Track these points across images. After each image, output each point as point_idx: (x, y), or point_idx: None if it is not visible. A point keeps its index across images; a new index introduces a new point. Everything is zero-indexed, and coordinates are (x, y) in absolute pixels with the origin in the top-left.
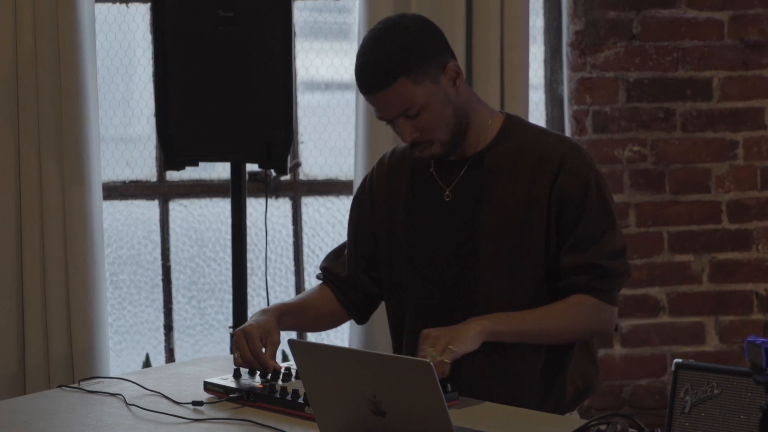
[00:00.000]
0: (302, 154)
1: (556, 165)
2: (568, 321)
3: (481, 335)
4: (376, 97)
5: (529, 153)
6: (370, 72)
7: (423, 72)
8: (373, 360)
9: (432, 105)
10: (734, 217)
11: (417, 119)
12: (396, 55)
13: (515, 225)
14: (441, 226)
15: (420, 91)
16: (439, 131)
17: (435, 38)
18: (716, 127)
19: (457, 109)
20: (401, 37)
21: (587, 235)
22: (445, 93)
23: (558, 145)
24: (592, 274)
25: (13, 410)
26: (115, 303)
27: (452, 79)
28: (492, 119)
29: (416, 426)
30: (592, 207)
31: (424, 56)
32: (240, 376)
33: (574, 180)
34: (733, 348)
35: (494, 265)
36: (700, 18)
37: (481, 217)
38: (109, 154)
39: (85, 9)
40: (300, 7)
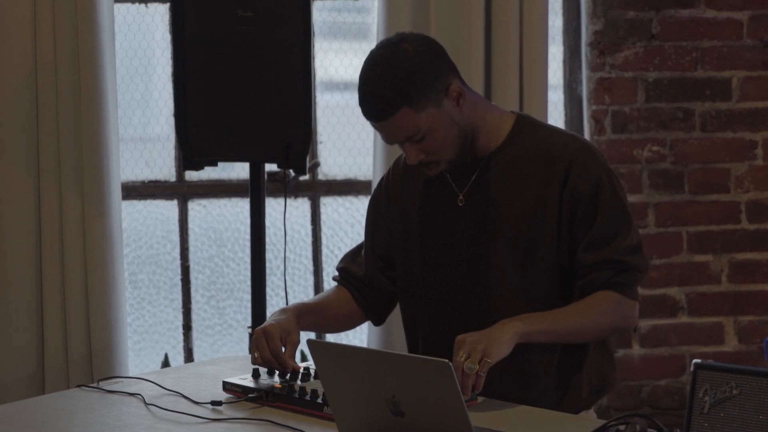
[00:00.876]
0: (321, 154)
1: (566, 165)
2: (595, 318)
3: (515, 337)
4: (379, 125)
5: (539, 153)
6: (372, 102)
7: (425, 98)
8: (392, 360)
9: (436, 129)
10: (753, 217)
11: (422, 143)
12: (396, 85)
13: (527, 226)
14: (454, 230)
15: (423, 118)
16: (444, 152)
17: (436, 61)
18: (735, 127)
19: (461, 128)
20: (401, 66)
21: (603, 232)
22: (449, 115)
23: (568, 144)
24: (613, 269)
25: (32, 410)
26: (134, 303)
27: (455, 99)
28: (502, 120)
29: (435, 426)
30: (606, 205)
31: (425, 83)
32: (259, 376)
33: (586, 179)
34: (752, 348)
35: (507, 267)
36: (720, 18)
37: (493, 220)
38: (128, 154)
39: (104, 9)
40: (319, 7)
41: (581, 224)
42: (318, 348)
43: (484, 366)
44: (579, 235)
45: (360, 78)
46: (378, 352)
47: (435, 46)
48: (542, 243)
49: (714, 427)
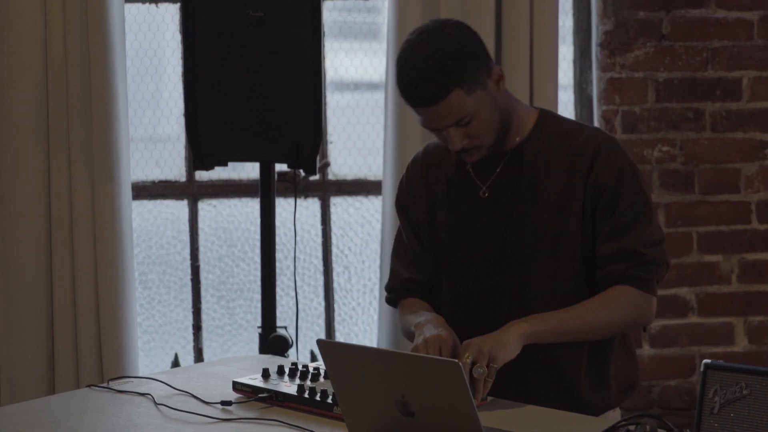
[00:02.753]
0: (331, 154)
1: (590, 156)
2: (607, 314)
3: (521, 338)
4: (429, 109)
5: (564, 145)
6: (422, 86)
7: (474, 80)
8: (401, 360)
9: (483, 112)
10: (764, 218)
11: (468, 127)
12: (448, 67)
13: (553, 218)
14: (478, 224)
15: (472, 100)
16: (487, 136)
17: (478, 44)
18: (746, 127)
19: (502, 112)
20: (448, 47)
21: (624, 223)
22: (492, 98)
23: (592, 136)
24: (631, 261)
25: (42, 410)
26: (144, 303)
27: (497, 82)
28: (527, 115)
29: (445, 426)
30: (628, 195)
31: (473, 65)
32: (269, 377)
33: (609, 169)
34: (763, 348)
35: (533, 260)
36: (730, 18)
37: (518, 213)
38: (138, 154)
39: (114, 9)
40: (329, 7)
41: (603, 214)
42: (328, 348)
43: (491, 370)
44: (600, 226)
45: (404, 65)
46: (388, 352)
47: (473, 30)
48: (569, 234)
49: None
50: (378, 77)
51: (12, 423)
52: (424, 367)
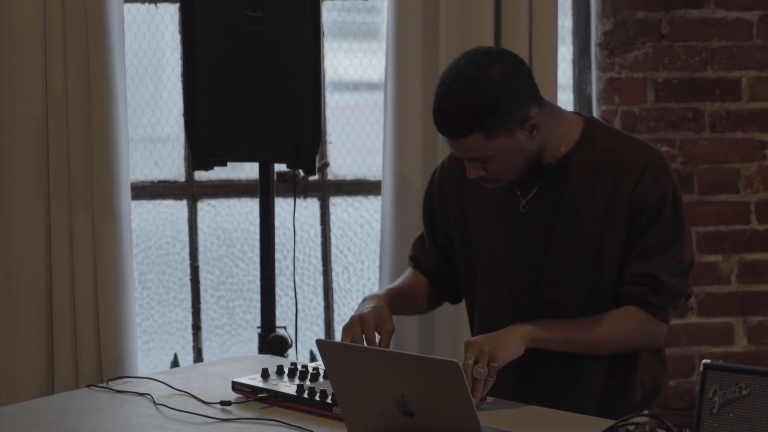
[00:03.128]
0: (330, 154)
1: (638, 172)
2: (613, 333)
3: (524, 341)
4: (448, 140)
5: (612, 158)
6: (445, 119)
7: (499, 129)
8: (401, 360)
9: (504, 156)
10: (763, 218)
11: (486, 164)
12: (474, 111)
13: (596, 233)
14: (516, 238)
15: (493, 145)
16: (506, 175)
17: (519, 91)
18: (745, 127)
19: (529, 155)
20: (484, 92)
21: (653, 246)
22: (519, 145)
23: (642, 152)
24: (648, 286)
25: (41, 410)
26: (143, 303)
27: (529, 130)
28: (572, 126)
29: (444, 426)
30: (664, 220)
31: (503, 115)
32: (268, 376)
33: (653, 190)
34: (762, 349)
35: (572, 275)
36: (729, 18)
37: (558, 231)
38: (137, 154)
39: (113, 9)
40: (329, 7)
41: (636, 234)
42: (327, 348)
43: (492, 370)
44: (630, 244)
45: (439, 88)
46: (387, 352)
47: (522, 72)
48: (610, 250)
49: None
50: (377, 77)
51: (12, 423)
52: (423, 367)
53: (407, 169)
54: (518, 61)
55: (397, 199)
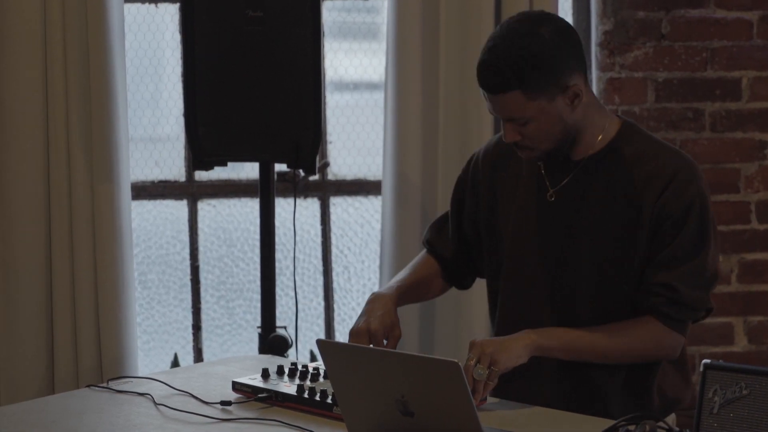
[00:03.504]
0: (331, 154)
1: (666, 179)
2: (624, 343)
3: (528, 349)
4: (487, 94)
5: (642, 163)
6: (487, 72)
7: (540, 90)
8: (401, 360)
9: (541, 120)
10: (763, 218)
11: (523, 127)
12: (518, 67)
13: (615, 233)
14: (541, 227)
15: (532, 106)
16: (542, 143)
17: (567, 56)
18: (745, 127)
19: (567, 126)
20: (531, 48)
21: (676, 256)
22: (558, 111)
23: (672, 159)
24: (666, 297)
25: (41, 410)
26: (143, 303)
27: (570, 99)
28: (609, 124)
29: (444, 426)
30: (689, 230)
31: (546, 75)
32: (269, 376)
33: (679, 199)
34: (762, 348)
35: (589, 272)
36: (729, 18)
37: (580, 222)
38: (137, 154)
39: (114, 9)
40: (329, 7)
41: (659, 241)
42: (327, 348)
43: (493, 374)
44: (653, 251)
45: (488, 42)
46: (387, 352)
47: (572, 38)
48: (628, 252)
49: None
50: (378, 77)
51: (12, 423)
52: (423, 366)
53: (407, 169)
54: (570, 28)
55: (397, 199)
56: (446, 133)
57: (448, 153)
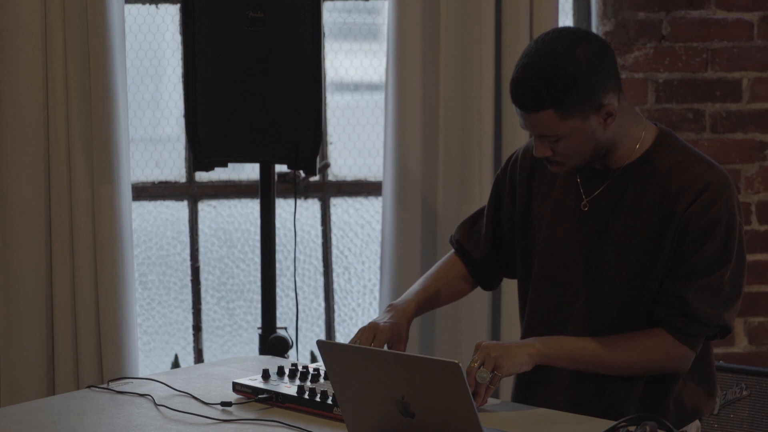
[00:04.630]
0: (331, 155)
1: (696, 192)
2: (630, 355)
3: (533, 358)
4: (520, 111)
5: (674, 176)
6: (521, 91)
7: (574, 110)
8: (401, 360)
9: (573, 138)
10: (764, 218)
11: (555, 144)
12: (552, 87)
13: (644, 245)
14: (573, 235)
15: (565, 125)
16: (573, 159)
17: (602, 76)
18: (746, 128)
19: (599, 143)
20: (566, 70)
21: (695, 270)
22: (591, 130)
23: (706, 173)
24: (677, 309)
25: (42, 410)
26: (144, 303)
27: (603, 117)
28: (645, 133)
29: (445, 427)
30: (712, 246)
31: (581, 96)
32: (269, 377)
33: (706, 215)
34: (762, 349)
35: (616, 279)
36: (730, 19)
37: (611, 231)
38: (138, 154)
39: (114, 10)
40: (329, 8)
41: (681, 255)
42: (327, 348)
43: (495, 378)
44: (674, 264)
45: (521, 60)
46: (388, 353)
47: (608, 58)
48: (652, 262)
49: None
50: (378, 78)
51: (13, 424)
52: (424, 367)
53: (408, 170)
54: (606, 47)
55: (397, 199)
56: (446, 134)
57: (449, 154)
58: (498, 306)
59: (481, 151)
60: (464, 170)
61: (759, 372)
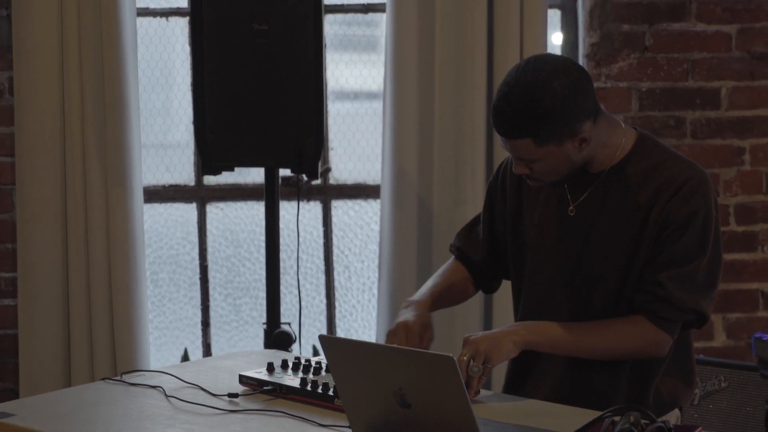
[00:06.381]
0: (332, 160)
1: (675, 188)
2: (609, 340)
3: (518, 345)
4: (500, 136)
5: (655, 175)
6: (500, 119)
7: (550, 138)
8: (398, 354)
9: (549, 161)
10: (741, 220)
11: (532, 164)
12: (529, 118)
13: (628, 244)
14: (561, 238)
15: (541, 151)
16: (549, 177)
17: (578, 106)
18: (724, 134)
19: (574, 164)
20: (544, 103)
21: (672, 259)
22: (566, 154)
23: (684, 170)
24: (654, 294)
25: (59, 402)
26: (155, 300)
27: (578, 143)
28: (625, 139)
29: (440, 416)
30: (689, 237)
31: (557, 126)
32: (273, 370)
33: (684, 207)
34: (740, 344)
35: (602, 276)
36: (709, 31)
37: (597, 233)
38: (149, 159)
39: (127, 22)
40: (330, 21)
41: (660, 245)
42: (329, 343)
43: (486, 370)
44: (653, 254)
45: (502, 87)
46: (386, 347)
47: (583, 87)
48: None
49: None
50: (377, 87)
51: (31, 414)
52: (419, 361)
53: (405, 174)
54: (582, 77)
55: (395, 202)
56: (441, 139)
57: (443, 159)
58: (490, 303)
59: (473, 155)
60: (458, 174)
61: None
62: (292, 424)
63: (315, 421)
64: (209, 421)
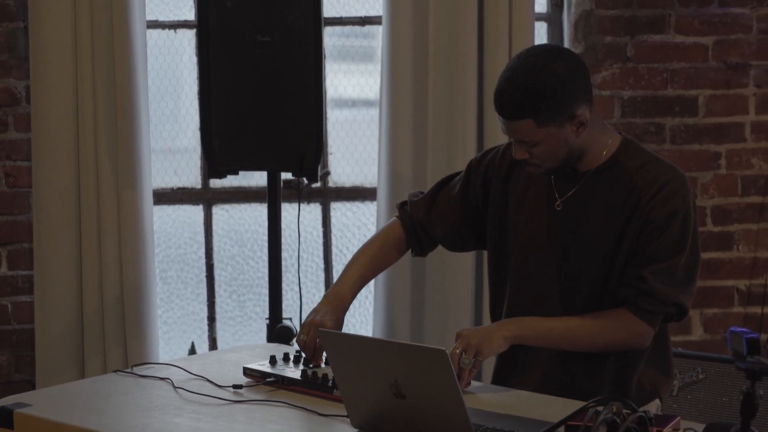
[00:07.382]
0: (331, 164)
1: (657, 189)
2: (595, 332)
3: (507, 340)
4: (500, 117)
5: (639, 176)
6: (503, 100)
7: (550, 119)
8: (394, 348)
9: (548, 144)
10: (717, 221)
11: (532, 148)
12: (531, 99)
13: (610, 242)
14: (548, 231)
15: (541, 132)
16: (547, 162)
17: (577, 89)
18: (702, 140)
19: (572, 148)
20: (545, 83)
21: (653, 256)
22: (564, 137)
23: (665, 172)
24: (637, 288)
25: (73, 393)
26: (164, 297)
27: (576, 126)
28: (611, 141)
29: (433, 406)
30: (669, 235)
31: (557, 107)
32: (276, 363)
33: (664, 207)
34: (716, 338)
35: (588, 270)
36: (687, 42)
37: (582, 230)
38: (159, 163)
39: (137, 34)
40: (330, 33)
41: (641, 243)
42: (328, 337)
43: (477, 363)
44: (635, 251)
45: (505, 72)
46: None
47: (582, 72)
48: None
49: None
50: (373, 95)
51: (48, 404)
52: (414, 354)
53: (400, 177)
54: (580, 63)
55: (391, 203)
56: (435, 144)
57: (437, 163)
58: (480, 298)
59: (465, 159)
60: None
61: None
62: (294, 413)
63: (315, 410)
64: (215, 410)
